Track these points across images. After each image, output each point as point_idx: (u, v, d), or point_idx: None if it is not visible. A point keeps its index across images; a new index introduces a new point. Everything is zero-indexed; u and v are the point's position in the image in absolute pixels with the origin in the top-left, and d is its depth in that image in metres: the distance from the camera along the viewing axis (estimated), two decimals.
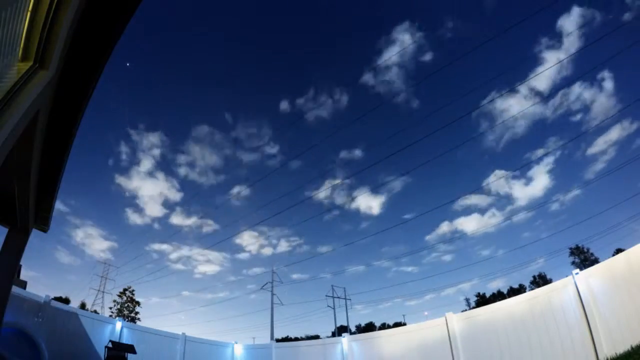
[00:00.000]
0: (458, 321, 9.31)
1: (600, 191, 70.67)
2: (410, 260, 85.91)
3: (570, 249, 56.58)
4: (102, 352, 10.00)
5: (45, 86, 3.19)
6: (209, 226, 75.76)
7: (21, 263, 8.20)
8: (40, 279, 67.84)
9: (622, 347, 5.94)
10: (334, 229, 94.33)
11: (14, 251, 7.26)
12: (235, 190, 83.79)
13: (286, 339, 58.94)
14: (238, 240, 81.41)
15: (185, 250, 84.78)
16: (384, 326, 72.64)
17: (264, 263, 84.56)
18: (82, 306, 43.00)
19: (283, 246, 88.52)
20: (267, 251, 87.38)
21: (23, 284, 18.27)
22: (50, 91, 3.62)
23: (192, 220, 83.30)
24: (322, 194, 75.90)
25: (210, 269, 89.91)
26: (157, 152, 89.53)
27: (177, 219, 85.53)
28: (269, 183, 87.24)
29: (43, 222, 7.95)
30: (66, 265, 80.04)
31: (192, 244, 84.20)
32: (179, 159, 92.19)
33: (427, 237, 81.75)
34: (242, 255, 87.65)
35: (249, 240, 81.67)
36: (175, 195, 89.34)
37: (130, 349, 10.29)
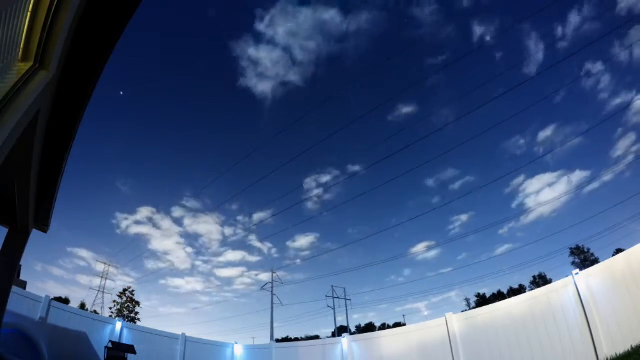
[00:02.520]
0: (458, 321, 9.32)
1: (600, 191, 70.55)
2: (410, 260, 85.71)
3: (570, 249, 56.41)
4: (102, 353, 10.01)
5: (45, 86, 3.20)
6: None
7: (21, 263, 8.20)
8: (39, 279, 67.79)
9: (622, 347, 5.94)
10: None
11: (14, 251, 7.27)
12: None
13: (286, 339, 58.88)
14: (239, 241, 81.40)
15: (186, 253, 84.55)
16: (384, 326, 72.49)
17: (264, 262, 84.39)
18: (82, 306, 42.92)
19: (283, 245, 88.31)
20: (267, 250, 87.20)
21: (23, 285, 18.28)
22: (50, 91, 3.63)
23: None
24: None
25: (209, 270, 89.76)
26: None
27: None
28: (270, 180, 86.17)
29: (43, 222, 7.95)
30: (66, 266, 79.99)
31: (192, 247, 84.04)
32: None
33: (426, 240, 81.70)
34: (242, 256, 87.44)
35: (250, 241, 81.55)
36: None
37: (130, 349, 10.30)
